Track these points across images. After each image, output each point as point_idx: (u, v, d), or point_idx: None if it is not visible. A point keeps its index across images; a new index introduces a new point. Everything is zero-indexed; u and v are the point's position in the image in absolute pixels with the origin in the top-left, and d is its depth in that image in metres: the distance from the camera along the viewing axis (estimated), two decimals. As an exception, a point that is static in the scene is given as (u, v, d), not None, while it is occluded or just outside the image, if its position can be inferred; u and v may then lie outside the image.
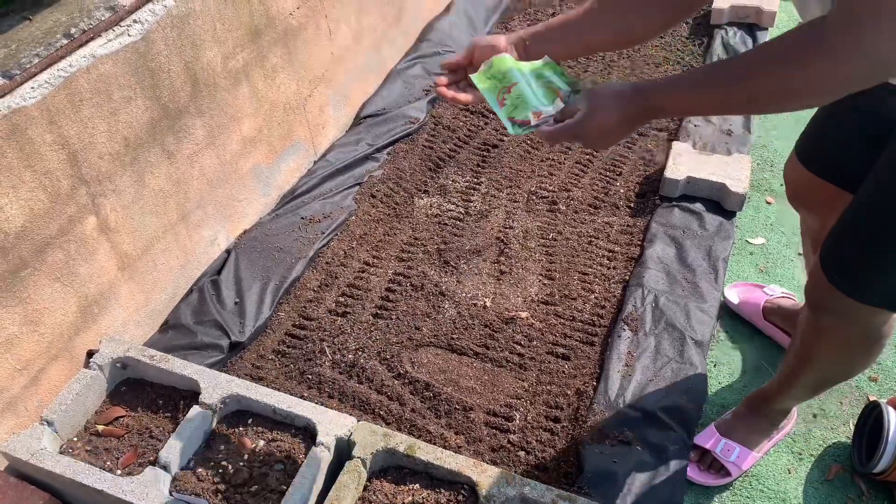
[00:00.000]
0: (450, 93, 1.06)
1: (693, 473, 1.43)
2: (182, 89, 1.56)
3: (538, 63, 1.05)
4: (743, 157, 2.04)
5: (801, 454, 1.49)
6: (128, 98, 1.43)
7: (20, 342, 1.32)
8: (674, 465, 1.40)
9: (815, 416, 1.55)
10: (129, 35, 1.40)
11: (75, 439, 1.36)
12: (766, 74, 0.78)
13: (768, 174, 2.20)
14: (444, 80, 1.07)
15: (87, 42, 1.33)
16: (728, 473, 1.42)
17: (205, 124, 1.66)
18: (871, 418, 1.44)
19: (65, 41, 1.30)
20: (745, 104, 0.85)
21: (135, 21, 1.42)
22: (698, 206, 1.96)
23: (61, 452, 1.33)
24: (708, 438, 1.46)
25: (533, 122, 0.99)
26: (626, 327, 1.65)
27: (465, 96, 1.06)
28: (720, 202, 1.97)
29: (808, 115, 2.40)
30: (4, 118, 1.19)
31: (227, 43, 1.67)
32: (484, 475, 1.23)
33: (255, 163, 1.89)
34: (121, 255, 1.51)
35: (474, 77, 1.05)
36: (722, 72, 0.84)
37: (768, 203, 2.10)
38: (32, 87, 1.24)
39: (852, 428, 1.51)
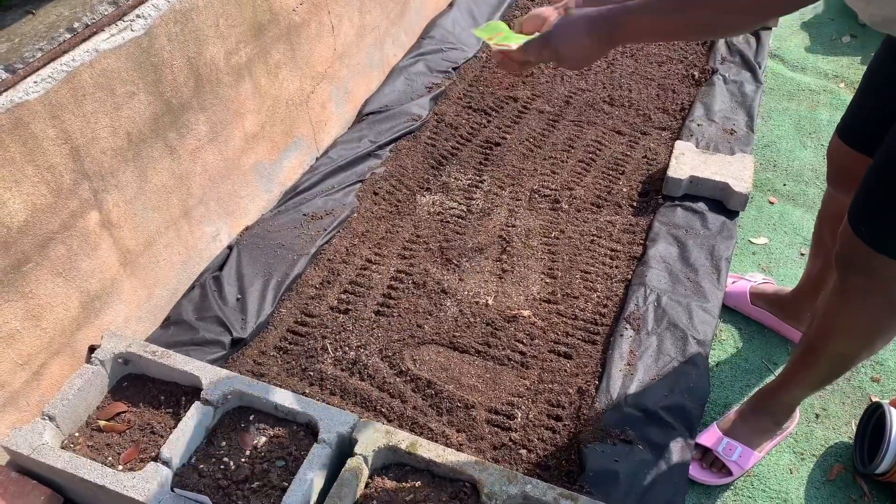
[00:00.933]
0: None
1: (695, 472, 1.43)
2: (185, 85, 1.56)
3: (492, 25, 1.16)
4: (746, 157, 2.03)
5: (802, 454, 1.49)
6: (131, 93, 1.43)
7: (22, 337, 1.32)
8: (676, 464, 1.40)
9: (817, 416, 1.55)
10: (132, 30, 1.40)
11: (77, 434, 1.36)
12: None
13: (771, 174, 2.20)
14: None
15: (90, 37, 1.33)
16: (730, 472, 1.42)
17: (207, 120, 1.66)
18: (873, 419, 1.44)
19: (68, 35, 1.29)
20: (695, 28, 0.95)
21: (138, 16, 1.41)
22: (701, 206, 1.96)
23: (63, 447, 1.32)
24: (710, 437, 1.46)
25: (491, 39, 1.10)
26: (628, 326, 1.65)
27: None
28: (723, 202, 1.97)
29: (807, 115, 2.39)
30: (7, 112, 1.19)
31: (230, 38, 1.66)
32: (485, 473, 1.23)
33: (258, 159, 1.89)
34: (123, 250, 1.51)
35: (475, 30, 1.16)
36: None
37: (771, 203, 2.10)
38: (35, 82, 1.23)
39: (854, 428, 1.51)
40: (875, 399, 1.56)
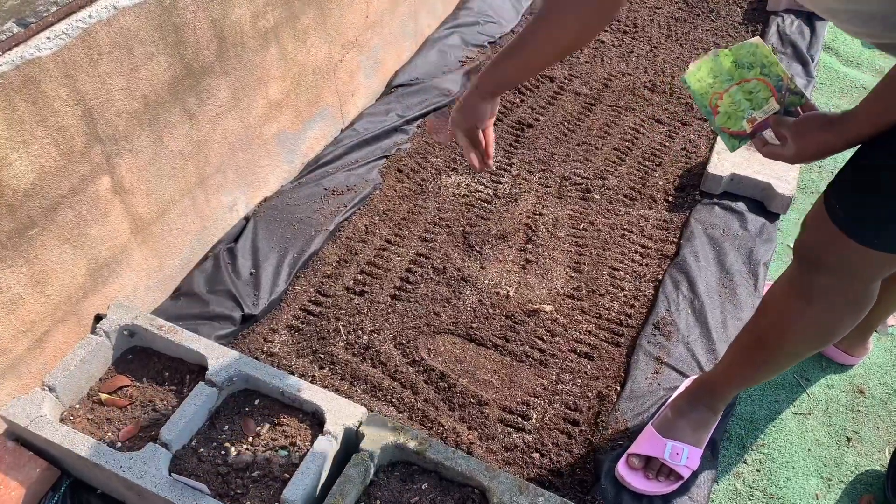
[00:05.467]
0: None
1: (641, 485, 1.31)
2: (207, 48, 1.49)
3: (750, 45, 1.04)
4: (792, 157, 1.92)
5: (830, 479, 1.41)
6: (149, 54, 1.35)
7: (25, 303, 1.27)
8: (696, 480, 1.33)
9: (848, 439, 1.47)
10: (153, -13, 1.32)
11: (77, 406, 1.32)
12: None
13: (816, 175, 2.09)
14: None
15: (108, -8, 1.26)
16: (680, 477, 1.32)
17: (229, 85, 1.59)
18: (910, 449, 1.36)
19: (85, -10, 1.22)
20: None
21: (161, -28, 1.33)
22: (741, 206, 1.86)
23: (62, 420, 1.28)
24: (652, 445, 1.33)
25: (748, 131, 1.04)
26: (655, 330, 1.57)
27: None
28: (764, 203, 1.87)
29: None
30: (17, 69, 1.12)
31: (257, 0, 1.58)
32: (496, 481, 1.17)
33: (280, 128, 1.82)
34: (135, 217, 1.46)
35: (687, 75, 1.06)
36: None
37: (814, 206, 1.99)
38: (48, 38, 1.17)
39: (888, 456, 1.43)
40: (913, 426, 1.47)
